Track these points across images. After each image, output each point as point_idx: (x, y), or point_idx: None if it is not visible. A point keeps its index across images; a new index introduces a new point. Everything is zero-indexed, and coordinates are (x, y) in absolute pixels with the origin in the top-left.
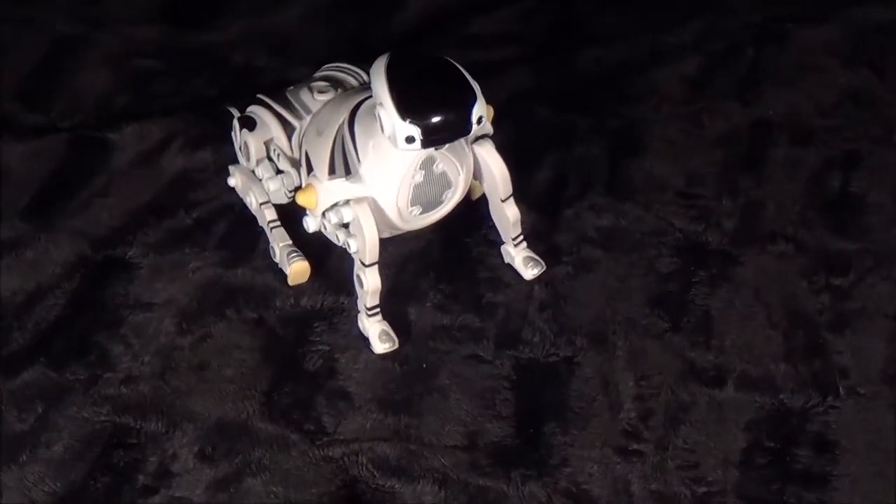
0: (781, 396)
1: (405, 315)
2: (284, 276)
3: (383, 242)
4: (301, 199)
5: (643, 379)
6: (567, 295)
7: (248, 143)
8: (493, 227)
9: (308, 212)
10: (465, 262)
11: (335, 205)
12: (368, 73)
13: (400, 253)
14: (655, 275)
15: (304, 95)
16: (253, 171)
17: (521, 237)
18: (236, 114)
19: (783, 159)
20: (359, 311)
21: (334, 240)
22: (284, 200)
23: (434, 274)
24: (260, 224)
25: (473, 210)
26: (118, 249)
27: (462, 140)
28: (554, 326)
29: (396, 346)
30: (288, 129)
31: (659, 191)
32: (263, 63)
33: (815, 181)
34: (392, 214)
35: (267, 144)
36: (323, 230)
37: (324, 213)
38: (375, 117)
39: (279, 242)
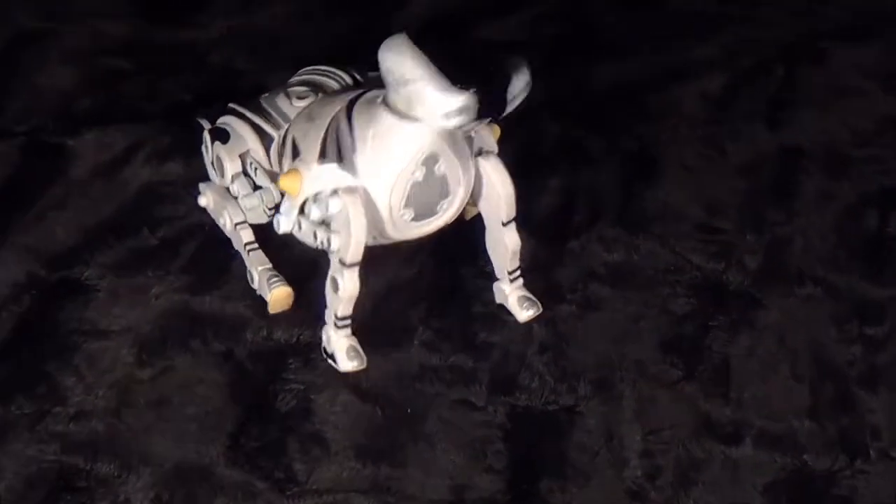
0: (805, 457)
1: (389, 352)
2: (257, 305)
3: (364, 257)
4: (283, 183)
5: (652, 433)
6: (570, 336)
7: (221, 158)
8: (490, 260)
9: (282, 209)
10: (459, 296)
11: (319, 196)
12: (354, 76)
13: (385, 280)
14: (669, 316)
15: (282, 102)
16: (227, 189)
17: (518, 272)
18: (207, 125)
19: (814, 192)
20: (324, 323)
21: (308, 240)
22: (264, 219)
23: (424, 307)
24: (235, 247)
25: (470, 237)
26: (73, 269)
27: (466, 149)
28: (554, 371)
29: (365, 365)
30: (265, 140)
31: (675, 222)
32: (243, 65)
33: (850, 218)
34: (383, 212)
35: (242, 158)
36: (296, 230)
37: (302, 210)
38: (379, 106)
39: (258, 266)
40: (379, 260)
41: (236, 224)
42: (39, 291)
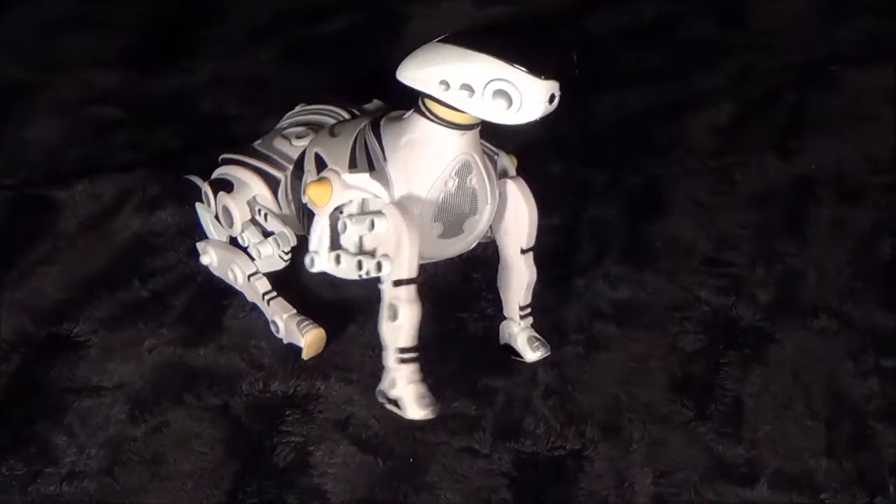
0: (823, 497)
1: None
2: (252, 357)
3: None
4: (312, 192)
5: (663, 476)
6: (576, 378)
7: (228, 207)
8: (493, 301)
9: (312, 246)
10: (460, 340)
11: (350, 217)
12: (350, 111)
13: None
14: (678, 355)
15: (280, 144)
16: (231, 241)
17: (529, 309)
18: (200, 183)
19: (827, 221)
20: (385, 368)
21: (350, 274)
22: (280, 265)
23: (423, 353)
24: (250, 300)
25: (470, 279)
26: (64, 325)
27: (492, 168)
28: (561, 415)
29: (436, 414)
30: (271, 183)
31: (683, 257)
32: (233, 110)
33: (864, 247)
34: (414, 222)
35: (250, 205)
36: (332, 266)
37: (338, 246)
38: (412, 116)
39: (282, 314)
40: (374, 307)
41: (249, 276)
42: (29, 349)
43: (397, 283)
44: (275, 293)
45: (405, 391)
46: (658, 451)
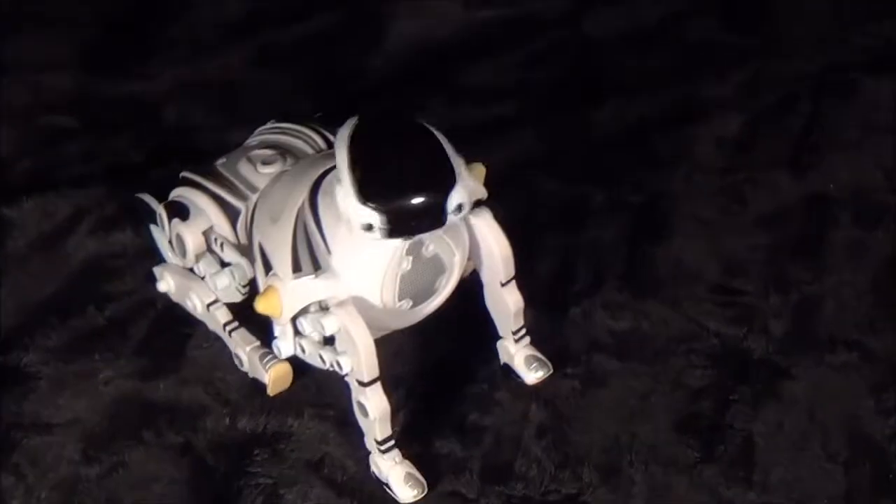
0: None
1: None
2: (217, 391)
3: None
4: (262, 306)
5: None
6: (572, 416)
7: (182, 237)
8: (482, 325)
9: (276, 332)
10: (445, 373)
11: (306, 313)
12: (324, 135)
13: None
14: (684, 391)
15: (244, 169)
16: (191, 269)
17: (524, 330)
18: (154, 205)
19: (845, 244)
20: (369, 452)
21: (316, 362)
22: (238, 297)
23: (404, 388)
24: (212, 329)
25: (456, 307)
26: (12, 355)
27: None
28: (555, 456)
29: (426, 492)
30: (230, 212)
31: (689, 284)
32: (199, 120)
33: (886, 272)
34: (379, 313)
35: (206, 234)
36: (300, 353)
37: (297, 331)
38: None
39: (245, 347)
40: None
41: (209, 305)
42: None
43: (360, 383)
44: (236, 323)
45: (391, 474)
46: (661, 496)
